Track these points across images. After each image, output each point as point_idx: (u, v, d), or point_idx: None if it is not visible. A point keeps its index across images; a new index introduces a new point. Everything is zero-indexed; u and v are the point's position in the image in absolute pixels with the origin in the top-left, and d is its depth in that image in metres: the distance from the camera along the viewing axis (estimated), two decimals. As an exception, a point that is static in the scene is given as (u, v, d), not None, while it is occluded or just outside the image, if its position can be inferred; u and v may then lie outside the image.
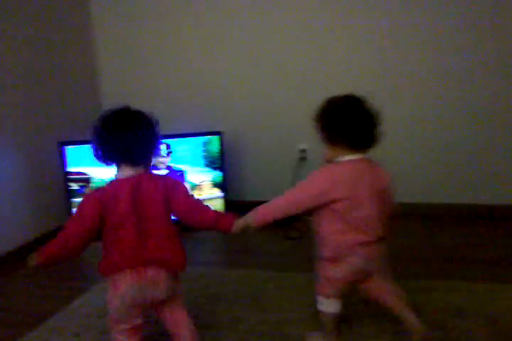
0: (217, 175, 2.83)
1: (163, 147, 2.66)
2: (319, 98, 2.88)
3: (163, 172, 2.70)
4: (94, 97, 3.18)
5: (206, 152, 2.82)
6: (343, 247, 1.43)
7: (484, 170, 2.84)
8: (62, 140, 2.62)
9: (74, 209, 2.60)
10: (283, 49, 2.96)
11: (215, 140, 2.81)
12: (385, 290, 1.52)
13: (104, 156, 1.34)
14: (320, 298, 1.52)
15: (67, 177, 2.61)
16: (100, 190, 1.34)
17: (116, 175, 1.36)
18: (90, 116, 3.04)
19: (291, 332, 1.64)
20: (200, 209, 1.42)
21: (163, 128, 1.49)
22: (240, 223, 1.45)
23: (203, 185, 2.82)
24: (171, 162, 2.73)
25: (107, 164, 1.36)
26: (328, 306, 1.50)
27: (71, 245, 1.29)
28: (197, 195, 2.77)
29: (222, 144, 2.82)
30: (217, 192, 2.84)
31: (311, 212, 1.50)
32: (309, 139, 3.01)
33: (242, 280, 2.05)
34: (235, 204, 2.95)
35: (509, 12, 2.65)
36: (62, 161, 2.59)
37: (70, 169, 2.61)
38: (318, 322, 1.56)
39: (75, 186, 2.64)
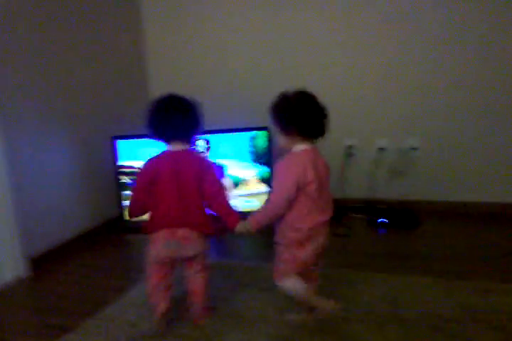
0: (263, 170, 2.84)
1: (201, 142, 2.70)
2: (367, 94, 2.89)
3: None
4: (144, 96, 3.25)
5: (253, 147, 2.82)
6: (315, 227, 1.55)
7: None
8: (114, 134, 2.69)
9: (124, 202, 2.70)
10: (331, 45, 2.93)
11: (262, 135, 2.81)
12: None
13: (155, 134, 1.62)
14: (286, 281, 1.60)
15: (118, 170, 2.68)
16: (150, 160, 1.64)
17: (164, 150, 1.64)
18: (140, 112, 3.13)
19: (344, 330, 1.63)
20: (220, 198, 1.63)
21: (210, 124, 1.58)
22: (240, 228, 1.61)
23: (250, 180, 2.83)
24: (214, 156, 2.75)
25: (158, 141, 1.63)
26: (298, 285, 1.59)
27: (135, 197, 1.64)
28: (244, 189, 2.79)
29: (269, 139, 2.82)
30: (264, 188, 2.84)
31: None
32: (356, 135, 2.99)
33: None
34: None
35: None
36: (114, 155, 2.66)
37: (121, 163, 2.68)
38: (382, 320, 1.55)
39: (125, 179, 2.71)
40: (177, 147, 1.62)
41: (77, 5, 2.62)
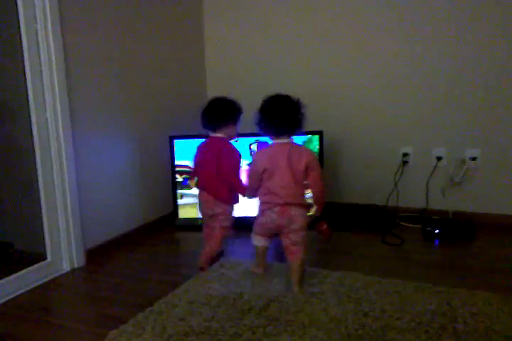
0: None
1: (254, 147, 2.73)
2: (423, 100, 2.82)
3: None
4: (200, 97, 3.31)
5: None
6: (264, 204, 1.97)
7: None
8: (172, 134, 2.76)
9: (179, 200, 2.78)
10: (385, 48, 2.88)
11: (315, 139, 2.80)
12: (289, 250, 1.96)
13: (203, 125, 2.21)
14: (252, 236, 2.08)
15: (174, 169, 2.75)
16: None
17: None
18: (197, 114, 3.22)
19: (392, 339, 1.58)
20: (233, 180, 2.16)
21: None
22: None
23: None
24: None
25: (204, 129, 2.22)
26: (257, 241, 2.07)
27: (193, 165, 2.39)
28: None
29: (321, 144, 2.80)
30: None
31: None
32: (413, 143, 2.92)
33: (342, 282, 2.02)
34: (331, 205, 2.93)
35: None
36: (171, 154, 2.73)
37: (177, 162, 2.75)
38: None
39: (180, 178, 2.78)
40: (216, 135, 2.19)
41: (145, 14, 2.73)
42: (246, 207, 2.48)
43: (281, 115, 1.90)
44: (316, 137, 2.79)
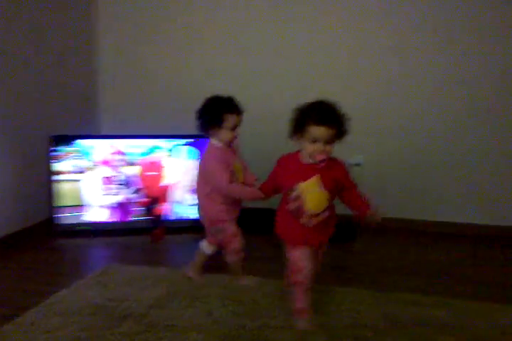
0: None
1: None
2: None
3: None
4: (89, 95, 3.18)
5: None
6: None
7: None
8: (52, 133, 2.60)
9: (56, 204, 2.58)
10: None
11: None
12: None
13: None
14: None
15: (53, 171, 2.60)
16: None
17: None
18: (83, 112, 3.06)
19: (268, 337, 1.62)
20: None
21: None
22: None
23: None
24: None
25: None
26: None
27: None
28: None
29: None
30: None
31: None
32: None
33: (227, 285, 2.02)
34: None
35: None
36: (49, 155, 2.58)
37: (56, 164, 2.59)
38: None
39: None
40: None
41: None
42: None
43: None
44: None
